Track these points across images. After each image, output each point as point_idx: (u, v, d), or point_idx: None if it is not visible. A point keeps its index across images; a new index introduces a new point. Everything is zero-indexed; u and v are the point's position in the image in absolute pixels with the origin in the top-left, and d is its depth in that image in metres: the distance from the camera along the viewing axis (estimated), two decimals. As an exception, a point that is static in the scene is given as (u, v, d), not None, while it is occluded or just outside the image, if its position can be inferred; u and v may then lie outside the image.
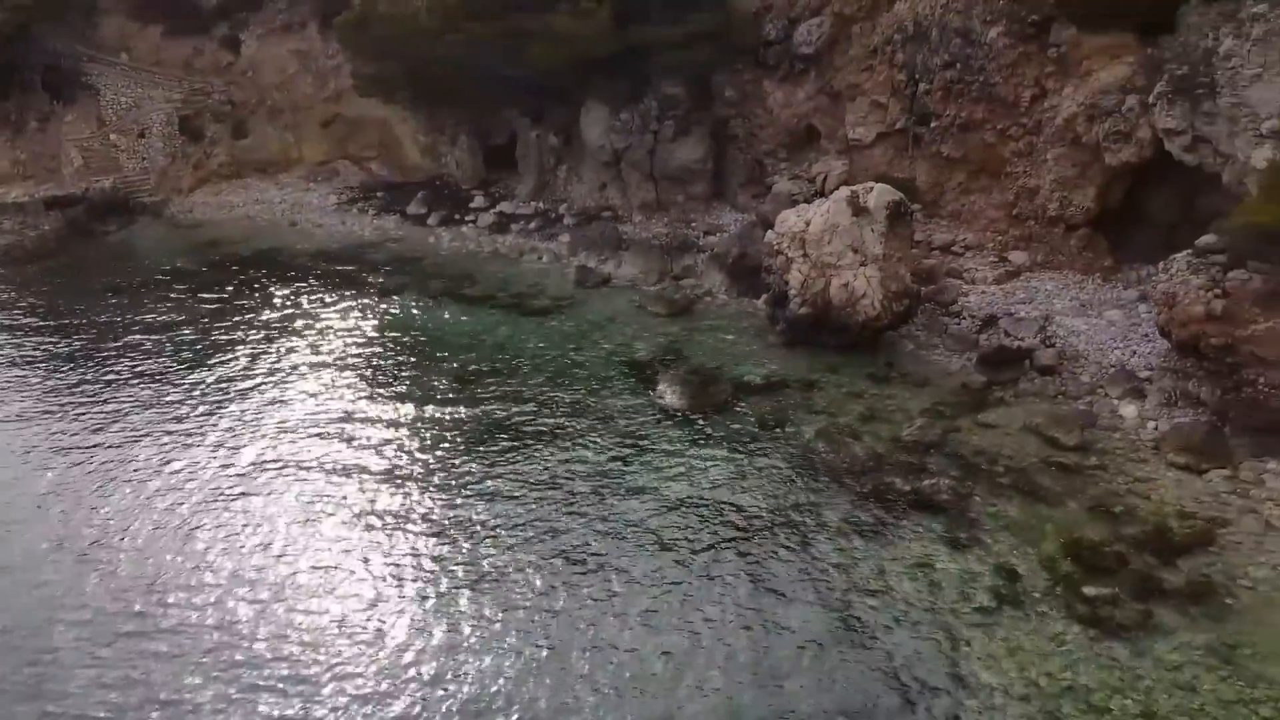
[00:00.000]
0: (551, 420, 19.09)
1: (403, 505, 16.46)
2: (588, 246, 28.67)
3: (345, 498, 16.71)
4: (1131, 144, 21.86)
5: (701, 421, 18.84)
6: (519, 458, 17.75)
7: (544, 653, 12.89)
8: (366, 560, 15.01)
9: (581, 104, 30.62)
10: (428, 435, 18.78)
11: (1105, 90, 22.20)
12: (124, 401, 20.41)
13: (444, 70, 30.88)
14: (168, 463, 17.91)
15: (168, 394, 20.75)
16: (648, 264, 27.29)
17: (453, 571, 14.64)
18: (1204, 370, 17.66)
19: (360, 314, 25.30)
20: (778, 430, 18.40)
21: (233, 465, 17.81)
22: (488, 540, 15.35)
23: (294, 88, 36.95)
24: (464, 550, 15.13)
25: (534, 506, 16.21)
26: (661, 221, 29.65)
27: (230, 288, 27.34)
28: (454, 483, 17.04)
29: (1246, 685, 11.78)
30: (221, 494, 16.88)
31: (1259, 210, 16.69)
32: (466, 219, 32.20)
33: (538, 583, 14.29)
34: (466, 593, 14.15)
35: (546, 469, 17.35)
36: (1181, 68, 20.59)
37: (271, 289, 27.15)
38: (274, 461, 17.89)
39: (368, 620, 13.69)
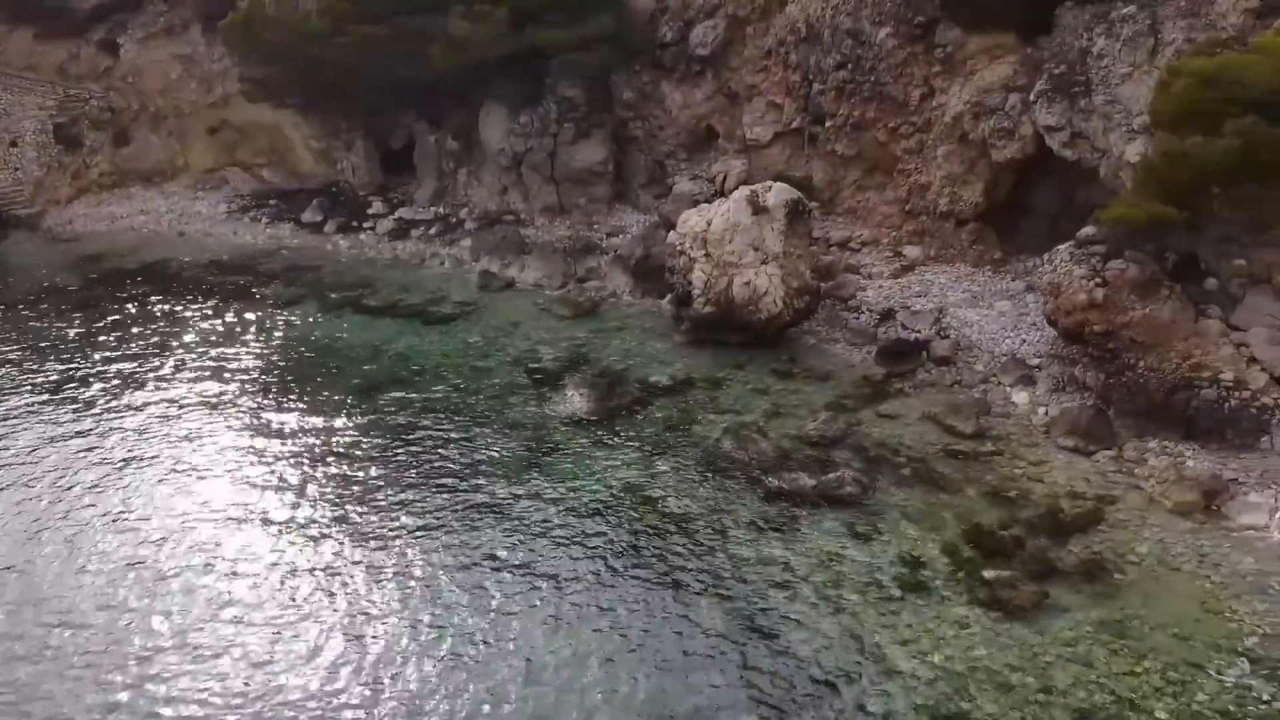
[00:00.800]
0: (459, 428, 18.85)
1: (308, 517, 16.03)
2: (490, 251, 28.41)
3: (248, 512, 16.18)
4: (1015, 140, 22.72)
5: (610, 423, 18.86)
6: (427, 466, 17.48)
7: (459, 658, 12.71)
8: (272, 570, 14.57)
9: (480, 106, 30.35)
10: (331, 448, 18.33)
11: (989, 89, 23.02)
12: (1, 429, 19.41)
13: (336, 74, 30.24)
14: (48, 488, 17.06)
15: (52, 415, 19.75)
16: (551, 267, 27.19)
17: (364, 580, 14.32)
18: (1088, 356, 18.46)
19: (255, 327, 24.56)
20: (686, 430, 18.54)
21: (126, 484, 17.06)
22: (398, 547, 15.07)
23: (178, 93, 35.63)
24: (375, 559, 14.81)
25: (444, 514, 15.97)
26: (564, 224, 29.60)
27: (115, 304, 26.19)
28: (360, 495, 16.67)
29: (1137, 656, 12.36)
30: (112, 515, 16.16)
31: (1133, 203, 17.51)
32: (365, 226, 31.58)
33: (451, 589, 14.08)
34: (379, 600, 13.85)
35: (456, 477, 17.12)
36: (1059, 67, 21.50)
37: (160, 303, 26.13)
38: (169, 478, 17.23)
39: (273, 630, 13.27)
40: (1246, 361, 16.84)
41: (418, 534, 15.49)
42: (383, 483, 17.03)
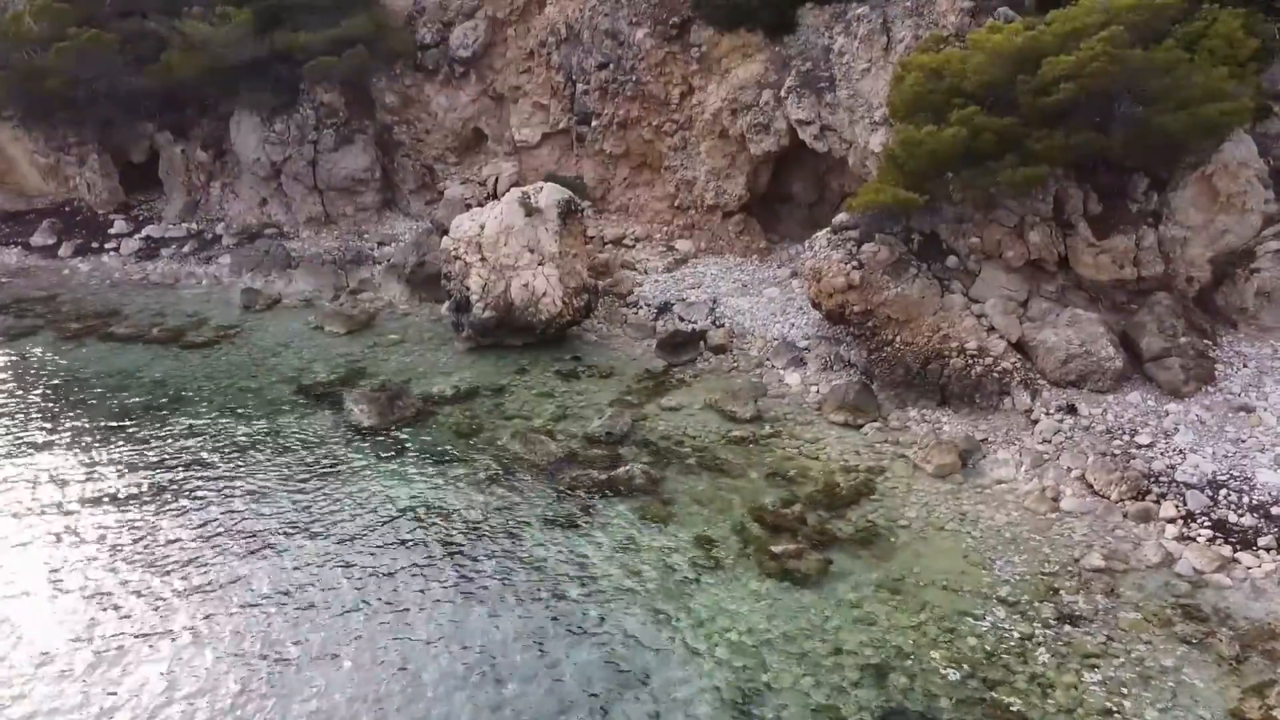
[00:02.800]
0: (226, 454, 17.62)
1: (62, 560, 14.47)
2: (252, 267, 26.85)
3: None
4: (771, 134, 23.82)
5: (395, 437, 18.24)
6: (196, 495, 16.22)
7: (259, 691, 11.85)
8: (29, 627, 13.05)
9: (230, 115, 28.56)
10: (80, 483, 16.62)
11: (743, 86, 24.01)
12: None
13: (59, 83, 27.61)
14: None
15: None
16: (321, 281, 26.04)
17: (141, 621, 13.07)
18: (851, 335, 19.63)
19: (-19, 364, 21.99)
20: (473, 438, 18.20)
21: None
22: (177, 583, 13.88)
23: None
24: (150, 596, 13.56)
25: (216, 550, 14.85)
26: (332, 235, 28.37)
27: None
28: (123, 530, 15.22)
29: (914, 611, 13.23)
30: None
31: (878, 189, 18.74)
32: (107, 247, 29.01)
33: (235, 619, 13.11)
34: (157, 637, 12.69)
35: (231, 504, 15.98)
36: (805, 64, 22.72)
37: None
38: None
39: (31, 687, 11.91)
40: (986, 331, 18.41)
41: (190, 573, 14.31)
42: (148, 515, 15.63)
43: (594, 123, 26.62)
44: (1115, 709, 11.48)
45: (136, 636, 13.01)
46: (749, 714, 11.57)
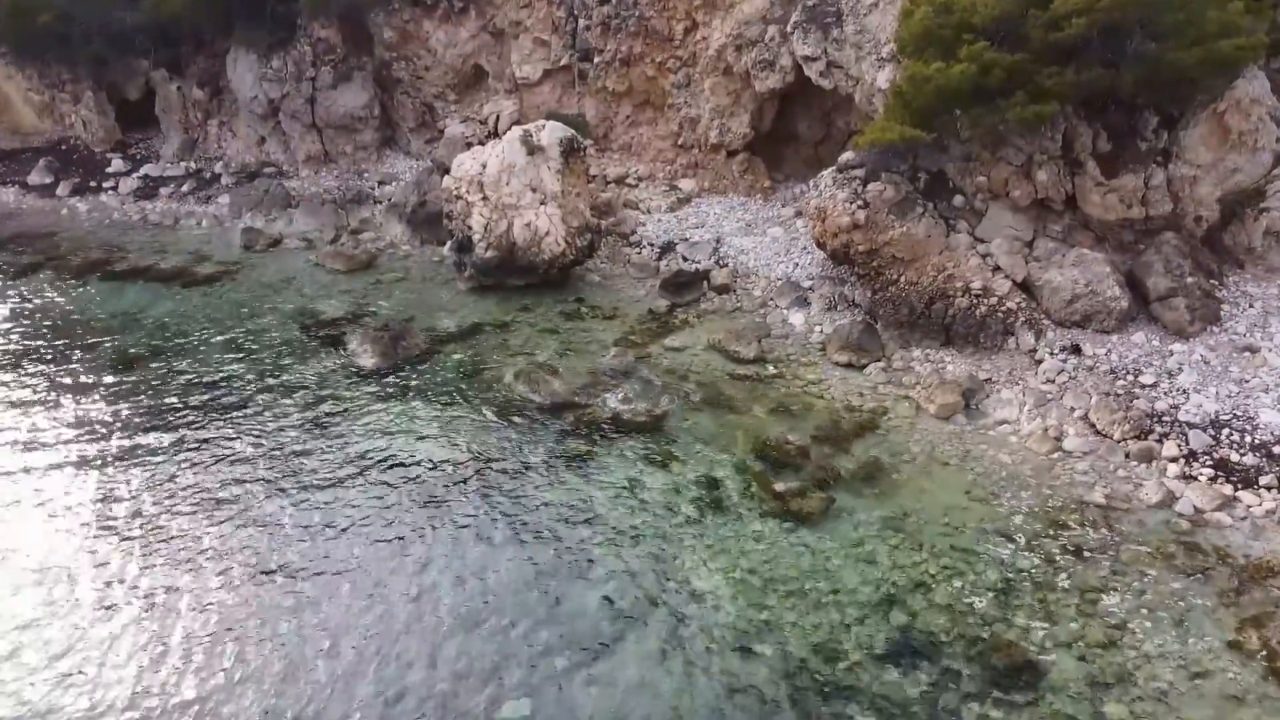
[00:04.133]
0: (235, 394, 17.69)
1: (81, 501, 14.60)
2: (252, 206, 26.65)
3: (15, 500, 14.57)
4: (776, 71, 23.44)
5: (399, 376, 18.27)
6: (206, 437, 16.30)
7: (256, 628, 12.04)
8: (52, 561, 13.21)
9: (226, 52, 28.13)
10: (95, 427, 16.72)
11: (748, 21, 23.57)
12: None
13: (51, 18, 27.15)
14: None
15: None
16: (321, 220, 25.87)
17: (156, 556, 13.23)
18: (855, 275, 19.52)
19: (-17, 303, 21.97)
20: (477, 376, 18.23)
21: None
22: (188, 519, 14.01)
23: None
24: (164, 534, 13.71)
25: (231, 486, 14.97)
26: (331, 174, 28.14)
27: None
28: (137, 470, 15.34)
29: (916, 548, 13.34)
30: None
31: (884, 127, 18.48)
32: (105, 186, 28.81)
33: (248, 557, 13.26)
34: (165, 570, 12.86)
35: (239, 445, 16.06)
36: (811, -2, 22.25)
37: None
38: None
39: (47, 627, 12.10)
40: (992, 270, 18.30)
41: (204, 511, 14.44)
42: (160, 456, 15.74)
43: (596, 59, 26.21)
44: (1115, 641, 11.64)
45: (146, 566, 13.17)
46: (751, 651, 11.71)
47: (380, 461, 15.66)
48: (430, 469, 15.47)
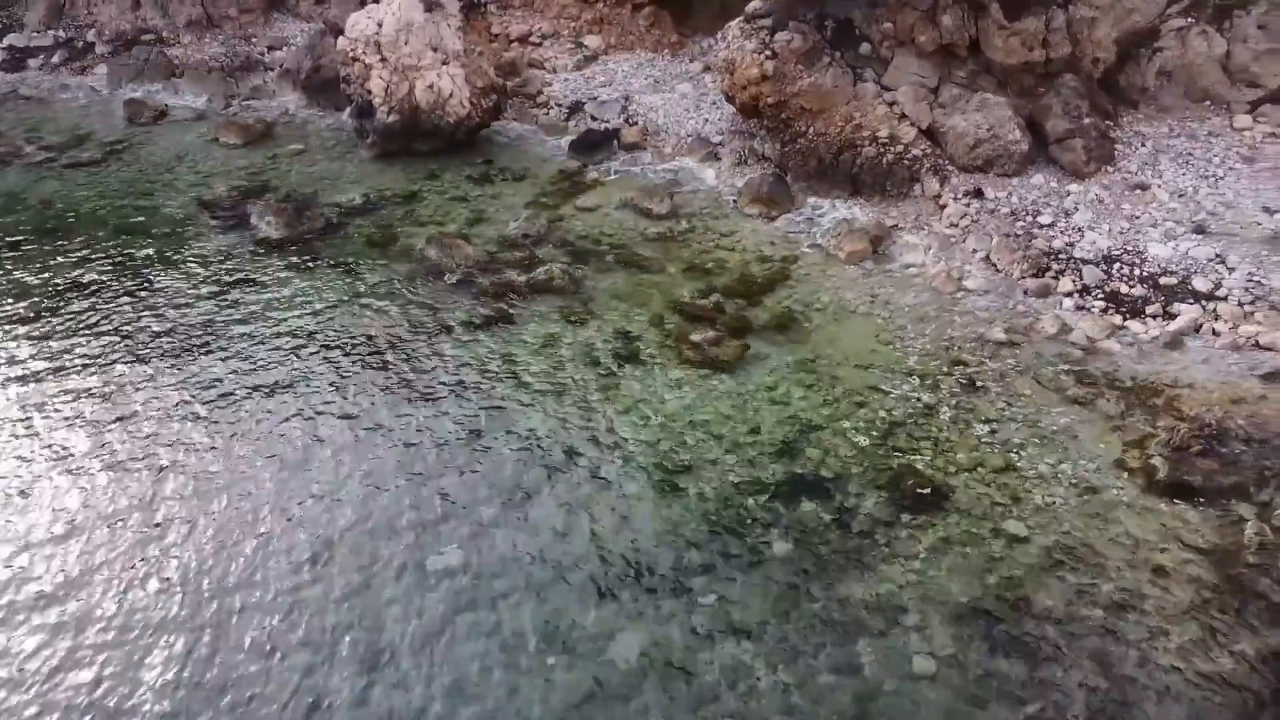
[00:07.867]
0: (133, 274, 17.06)
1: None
2: (133, 77, 25.17)
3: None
4: (679, -82, 22.66)
5: (306, 250, 17.83)
6: (106, 319, 15.77)
7: (191, 504, 12.02)
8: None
9: (86, -94, 25.96)
10: (-20, 316, 16.05)
11: None
12: None
13: None
14: None
15: None
16: (210, 89, 24.62)
17: (69, 440, 13.00)
18: (765, 128, 19.50)
19: None
20: (387, 246, 17.91)
21: None
22: (97, 403, 13.71)
23: None
24: (75, 418, 13.42)
25: (133, 364, 14.62)
26: (216, 40, 26.61)
27: None
28: (33, 356, 14.85)
29: (828, 388, 13.84)
30: None
31: (793, -28, 18.17)
32: (-34, 60, 26.75)
33: (162, 433, 13.11)
34: (85, 447, 12.67)
35: (142, 325, 15.59)
36: None
37: None
38: None
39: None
40: (898, 119, 18.47)
41: (112, 390, 14.12)
42: (58, 340, 15.22)
43: (491, -91, 24.96)
44: (1011, 465, 12.39)
45: (53, 459, 12.94)
46: (674, 488, 12.16)
47: (293, 331, 15.43)
48: (346, 336, 15.31)
